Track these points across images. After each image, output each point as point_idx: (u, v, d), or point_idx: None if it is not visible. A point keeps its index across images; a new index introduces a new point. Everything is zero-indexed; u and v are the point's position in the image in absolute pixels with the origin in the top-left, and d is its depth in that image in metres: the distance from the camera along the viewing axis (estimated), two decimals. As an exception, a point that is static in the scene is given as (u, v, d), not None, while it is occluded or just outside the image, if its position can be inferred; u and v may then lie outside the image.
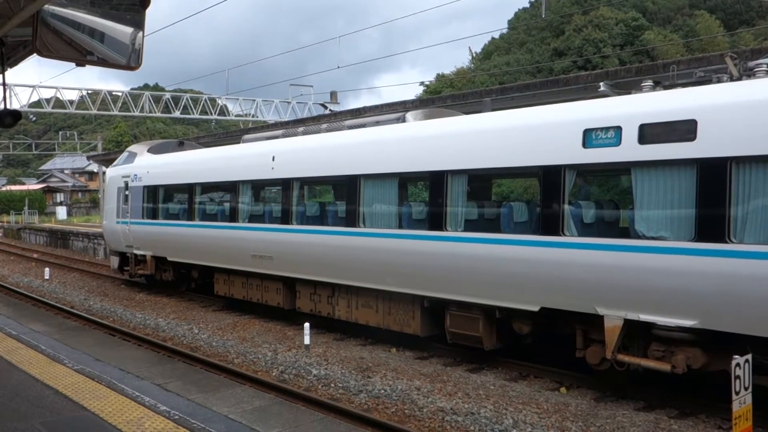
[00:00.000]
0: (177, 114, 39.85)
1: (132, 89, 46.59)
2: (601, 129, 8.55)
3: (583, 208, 9.25)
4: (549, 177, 9.09)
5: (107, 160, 41.58)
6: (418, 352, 11.90)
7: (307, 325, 12.27)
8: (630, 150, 8.23)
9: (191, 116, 40.89)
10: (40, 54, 5.74)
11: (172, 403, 7.54)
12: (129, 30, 6.15)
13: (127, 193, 19.72)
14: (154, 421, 6.81)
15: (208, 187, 16.94)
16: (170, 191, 18.40)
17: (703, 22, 56.71)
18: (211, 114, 41.87)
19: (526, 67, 56.62)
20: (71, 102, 37.25)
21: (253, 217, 14.92)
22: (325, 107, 38.14)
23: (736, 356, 5.93)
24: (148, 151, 20.04)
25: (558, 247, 8.92)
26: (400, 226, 11.32)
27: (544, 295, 9.22)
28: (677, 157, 7.86)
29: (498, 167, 10.04)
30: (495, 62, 62.49)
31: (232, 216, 15.22)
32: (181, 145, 20.72)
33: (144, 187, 18.91)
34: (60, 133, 78.67)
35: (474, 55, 71.65)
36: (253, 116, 42.15)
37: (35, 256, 32.56)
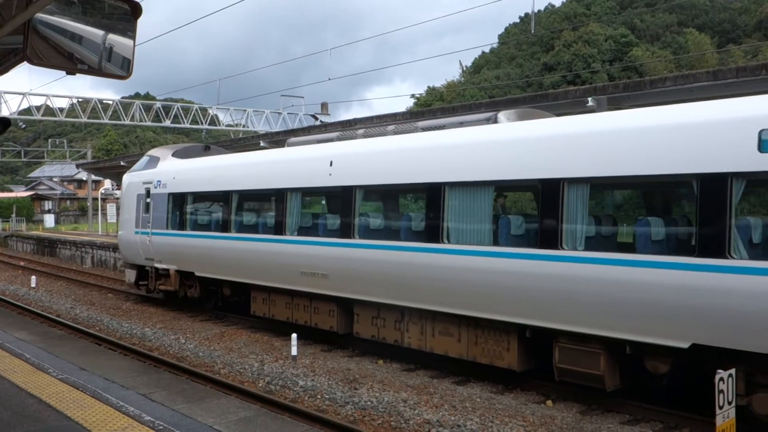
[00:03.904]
0: (168, 123, 39.84)
1: (123, 98, 46.50)
2: None
3: (756, 226, 7.69)
4: (709, 187, 7.57)
5: (96, 169, 41.50)
6: (404, 364, 11.88)
7: (294, 335, 12.23)
8: None
9: (182, 125, 40.88)
10: (31, 62, 5.74)
11: (156, 414, 7.49)
12: (120, 39, 6.19)
13: (148, 200, 17.81)
14: None
15: (248, 196, 15.24)
16: (201, 199, 16.63)
17: (692, 39, 57.43)
18: (202, 124, 41.86)
19: (515, 81, 57.03)
20: (61, 110, 37.17)
21: (304, 230, 13.21)
22: (316, 118, 38.28)
23: (720, 371, 5.99)
24: (173, 155, 18.21)
25: (724, 272, 7.38)
26: (496, 243, 9.75)
27: (699, 329, 7.66)
28: None
29: (633, 175, 8.40)
30: (485, 76, 62.95)
31: (278, 228, 13.45)
32: (207, 150, 18.87)
33: (169, 194, 17.03)
34: (49, 140, 78.25)
35: (464, 68, 72.17)
36: (243, 126, 42.19)
37: (22, 263, 32.33)
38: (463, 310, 10.16)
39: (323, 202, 14.63)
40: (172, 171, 17.35)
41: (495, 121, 10.63)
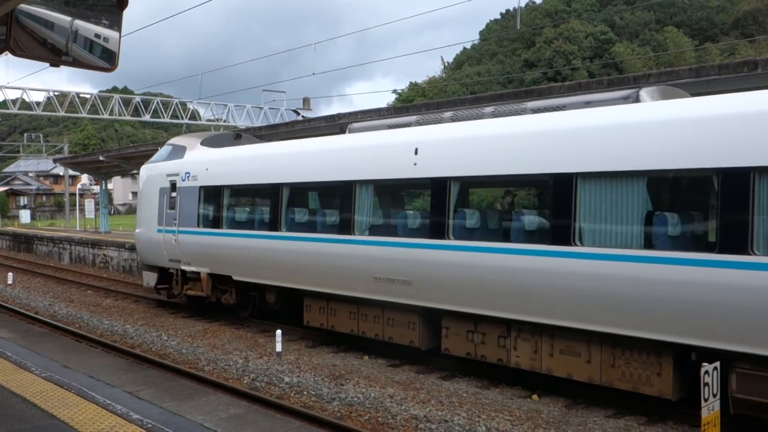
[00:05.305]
0: (147, 117, 39.43)
1: (101, 92, 45.91)
2: None
3: None
4: None
5: (74, 164, 40.89)
6: (390, 359, 11.88)
7: (279, 332, 12.18)
8: None
9: (161, 120, 40.48)
10: (14, 53, 5.65)
11: (145, 412, 7.42)
12: (105, 31, 6.11)
13: (174, 195, 15.82)
14: (127, 430, 6.70)
15: (304, 189, 13.57)
16: (242, 193, 14.89)
17: (671, 37, 58.06)
18: (182, 118, 41.46)
19: (497, 77, 57.23)
20: (38, 103, 36.55)
21: (378, 228, 11.55)
22: (298, 113, 38.08)
23: (705, 364, 6.05)
24: (202, 144, 16.21)
25: None
26: (650, 246, 8.09)
27: None
28: None
29: None
30: (466, 72, 63.14)
31: (344, 226, 11.63)
32: (238, 138, 16.81)
33: (201, 187, 15.06)
34: (25, 135, 77.10)
35: (446, 64, 72.32)
36: (224, 121, 41.85)
37: (-2, 260, 31.86)
38: (600, 326, 8.47)
39: (405, 196, 13.00)
40: (204, 162, 15.37)
41: (636, 99, 9.02)
